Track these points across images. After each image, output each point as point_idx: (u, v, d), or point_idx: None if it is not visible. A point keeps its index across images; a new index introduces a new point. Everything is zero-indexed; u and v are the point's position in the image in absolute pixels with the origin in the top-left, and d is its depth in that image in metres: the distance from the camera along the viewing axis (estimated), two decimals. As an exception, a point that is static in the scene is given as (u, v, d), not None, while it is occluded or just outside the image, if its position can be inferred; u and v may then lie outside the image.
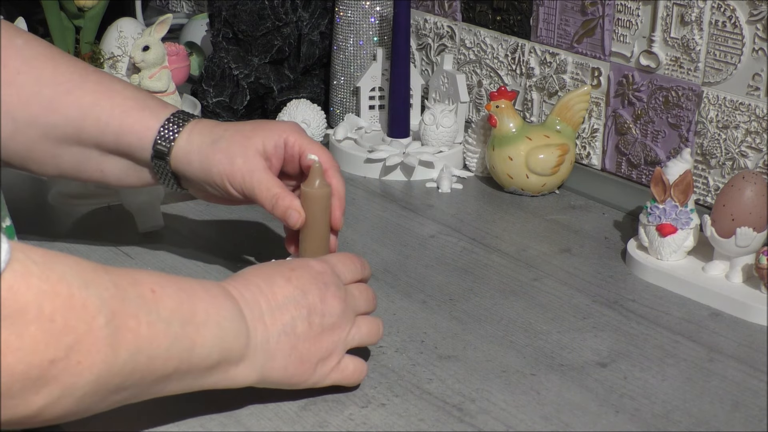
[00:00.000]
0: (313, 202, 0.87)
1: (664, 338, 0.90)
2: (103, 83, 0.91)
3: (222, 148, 0.89)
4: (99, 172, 0.93)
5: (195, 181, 0.91)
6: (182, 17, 1.76)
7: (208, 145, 0.90)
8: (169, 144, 0.90)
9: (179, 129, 0.90)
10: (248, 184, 0.88)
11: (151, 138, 0.90)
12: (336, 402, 0.80)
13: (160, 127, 0.90)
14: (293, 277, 0.76)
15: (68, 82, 0.89)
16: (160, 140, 0.90)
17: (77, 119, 0.89)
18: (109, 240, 1.06)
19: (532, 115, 1.28)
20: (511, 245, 1.08)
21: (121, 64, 1.34)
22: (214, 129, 0.91)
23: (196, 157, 0.90)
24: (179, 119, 0.91)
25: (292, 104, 1.34)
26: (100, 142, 0.90)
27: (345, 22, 1.34)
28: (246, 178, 0.88)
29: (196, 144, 0.90)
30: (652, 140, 1.15)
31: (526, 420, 0.78)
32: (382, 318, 0.84)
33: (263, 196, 0.88)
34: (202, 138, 0.90)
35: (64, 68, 0.90)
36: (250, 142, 0.89)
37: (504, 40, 1.29)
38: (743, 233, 0.94)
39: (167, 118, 0.90)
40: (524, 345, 0.89)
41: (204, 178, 0.90)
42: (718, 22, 1.05)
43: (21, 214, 1.11)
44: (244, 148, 0.89)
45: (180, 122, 0.91)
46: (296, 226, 0.88)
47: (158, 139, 0.90)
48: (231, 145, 0.89)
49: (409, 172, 1.25)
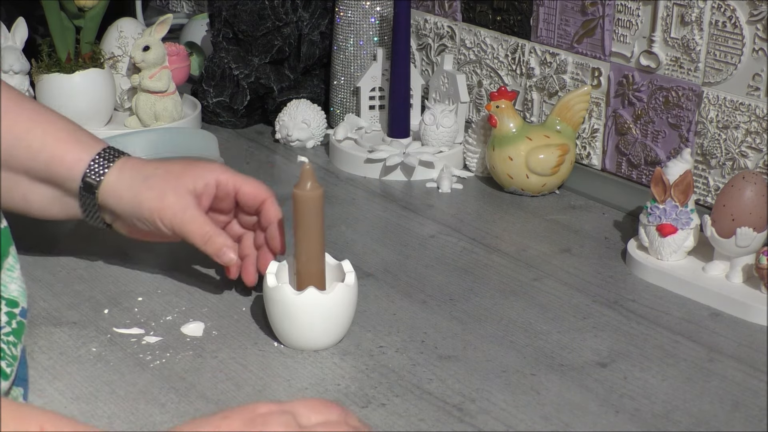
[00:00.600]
0: (305, 204, 0.86)
1: (664, 338, 0.90)
2: (38, 112, 0.93)
3: (153, 185, 0.90)
4: (23, 200, 0.94)
5: (122, 215, 0.93)
6: (182, 17, 1.76)
7: (139, 182, 0.91)
8: (99, 178, 0.91)
9: (110, 164, 0.92)
10: (179, 221, 0.90)
11: (81, 170, 0.91)
12: (336, 402, 0.80)
13: (91, 161, 0.91)
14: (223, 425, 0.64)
15: (3, 108, 0.90)
16: (89, 173, 0.91)
17: (9, 146, 0.90)
18: (109, 240, 1.06)
19: (532, 115, 1.28)
20: (511, 245, 1.08)
21: (121, 64, 1.34)
22: (145, 167, 0.92)
23: (125, 193, 0.91)
24: (110, 155, 0.92)
25: (292, 104, 1.34)
26: (30, 168, 0.91)
27: (345, 22, 1.34)
28: (177, 215, 0.90)
29: (127, 180, 0.91)
30: (652, 140, 1.15)
31: (526, 420, 0.78)
32: (382, 318, 0.84)
33: (195, 234, 0.90)
34: (133, 174, 0.92)
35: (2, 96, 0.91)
36: (180, 181, 0.91)
37: (504, 40, 1.29)
38: (743, 233, 0.94)
39: (98, 153, 0.92)
40: (524, 345, 0.89)
41: (133, 213, 0.91)
42: (718, 22, 1.05)
43: (21, 214, 1.11)
44: (176, 186, 0.91)
45: (110, 157, 0.92)
46: (230, 264, 0.91)
47: (88, 171, 0.91)
48: (163, 183, 0.91)
49: (409, 172, 1.25)
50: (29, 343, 0.86)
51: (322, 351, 0.87)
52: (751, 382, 0.84)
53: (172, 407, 0.79)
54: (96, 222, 0.95)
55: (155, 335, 0.89)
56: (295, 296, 0.85)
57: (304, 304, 0.85)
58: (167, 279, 0.99)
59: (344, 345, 0.88)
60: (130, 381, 0.82)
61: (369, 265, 1.03)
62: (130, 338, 0.88)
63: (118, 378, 0.82)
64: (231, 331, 0.90)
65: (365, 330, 0.91)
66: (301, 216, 0.86)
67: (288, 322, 0.86)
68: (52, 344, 0.87)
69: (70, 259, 1.02)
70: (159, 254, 1.03)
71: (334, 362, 0.86)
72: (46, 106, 0.96)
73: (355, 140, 1.31)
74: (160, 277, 0.99)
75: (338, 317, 0.87)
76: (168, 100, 1.31)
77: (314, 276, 0.87)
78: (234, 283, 0.98)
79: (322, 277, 0.88)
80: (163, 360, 0.85)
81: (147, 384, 0.82)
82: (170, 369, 0.84)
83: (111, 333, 0.89)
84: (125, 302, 0.94)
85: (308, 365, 0.85)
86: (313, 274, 0.87)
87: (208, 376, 0.83)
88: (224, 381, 0.83)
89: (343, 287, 0.86)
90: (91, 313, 0.92)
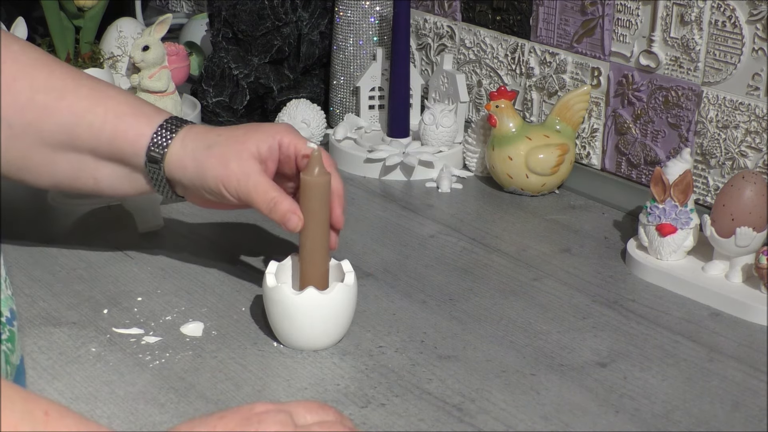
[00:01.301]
0: (312, 190, 0.86)
1: (664, 338, 0.90)
2: (97, 89, 0.91)
3: (216, 153, 0.89)
4: (93, 179, 0.93)
5: (190, 186, 0.91)
6: (182, 17, 1.76)
7: (202, 151, 0.90)
8: (163, 150, 0.90)
9: (172, 135, 0.90)
10: (244, 188, 0.88)
11: (144, 144, 0.90)
12: (336, 402, 0.80)
13: (153, 134, 0.90)
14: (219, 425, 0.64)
15: (62, 88, 0.90)
16: (153, 147, 0.90)
17: (71, 125, 0.90)
18: (108, 240, 1.06)
19: (532, 115, 1.28)
20: (511, 245, 1.08)
21: (120, 64, 1.34)
22: (208, 134, 0.91)
23: (190, 163, 0.90)
24: (172, 125, 0.91)
25: (292, 104, 1.34)
26: (94, 147, 0.90)
27: (345, 22, 1.34)
28: (242, 182, 0.88)
29: (190, 149, 0.90)
30: (651, 140, 1.15)
31: (526, 420, 0.78)
32: (382, 318, 0.84)
33: (260, 200, 0.88)
34: (196, 144, 0.90)
35: (59, 74, 0.90)
36: (244, 146, 0.89)
37: (504, 40, 1.29)
38: (743, 233, 0.94)
39: (160, 125, 0.90)
40: (524, 345, 0.89)
41: (199, 183, 0.90)
42: (717, 21, 1.05)
43: (21, 214, 1.11)
44: (239, 152, 0.89)
45: (173, 128, 0.91)
46: (296, 229, 0.87)
47: (151, 145, 0.90)
48: (225, 150, 0.89)
49: (409, 172, 1.25)
50: (29, 343, 0.86)
51: (321, 351, 0.87)
52: (751, 382, 0.84)
53: (172, 407, 0.79)
54: (168, 195, 0.94)
55: (155, 335, 0.89)
56: (294, 296, 0.85)
57: (304, 304, 0.85)
58: (167, 279, 0.99)
59: (344, 345, 0.88)
60: (130, 381, 0.82)
61: (369, 265, 1.03)
62: (129, 338, 0.88)
63: (118, 378, 0.82)
64: (230, 331, 0.90)
65: (365, 330, 0.90)
66: (308, 202, 0.86)
67: (287, 322, 0.86)
68: (52, 344, 0.87)
69: (70, 259, 1.02)
70: (159, 254, 1.03)
71: (333, 362, 0.86)
72: (102, 80, 0.94)
73: (355, 140, 1.31)
74: (160, 277, 0.99)
75: (338, 317, 0.87)
76: (167, 99, 1.31)
77: (318, 263, 0.86)
78: (234, 284, 0.98)
79: (325, 267, 0.87)
80: (162, 360, 0.85)
81: (146, 384, 0.82)
82: (170, 369, 0.84)
83: (110, 333, 0.89)
84: (125, 302, 0.94)
85: (308, 365, 0.85)
86: (317, 262, 0.87)
87: (208, 376, 0.83)
88: (224, 381, 0.83)
89: (343, 287, 0.86)
90: (90, 313, 0.92)
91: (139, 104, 0.92)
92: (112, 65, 1.33)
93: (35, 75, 0.89)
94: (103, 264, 1.01)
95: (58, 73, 0.90)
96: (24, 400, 0.58)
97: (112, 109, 0.90)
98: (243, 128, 0.92)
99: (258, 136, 0.90)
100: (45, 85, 0.89)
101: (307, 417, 0.66)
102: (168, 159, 0.90)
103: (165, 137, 0.90)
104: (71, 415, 0.59)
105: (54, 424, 0.58)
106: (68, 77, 0.91)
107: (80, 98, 0.90)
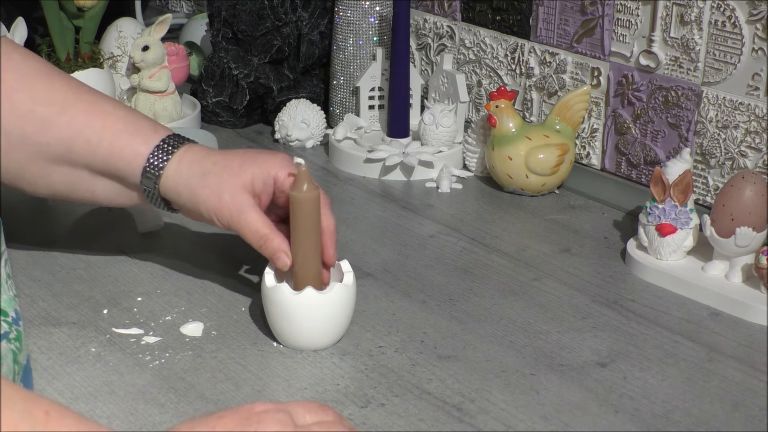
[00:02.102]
0: (301, 206, 0.86)
1: (664, 338, 0.90)
2: (96, 103, 0.91)
3: (210, 183, 0.89)
4: (90, 193, 0.93)
5: (184, 208, 0.92)
6: (182, 17, 1.76)
7: (196, 179, 0.89)
8: (158, 172, 0.90)
9: (168, 157, 0.90)
10: (236, 222, 0.88)
11: (140, 164, 0.90)
12: (335, 402, 0.80)
13: (149, 155, 0.90)
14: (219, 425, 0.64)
15: (63, 101, 0.89)
16: (148, 167, 0.90)
17: (68, 140, 0.90)
18: (109, 240, 1.06)
19: (532, 114, 1.28)
20: (511, 245, 1.08)
21: (120, 64, 1.34)
22: (203, 161, 0.90)
23: (184, 190, 0.90)
24: (169, 146, 0.90)
25: (292, 104, 1.34)
26: (90, 163, 0.91)
27: (345, 22, 1.34)
28: (234, 217, 0.88)
29: (185, 176, 0.90)
30: (651, 140, 1.15)
31: (526, 420, 0.78)
32: (382, 318, 0.84)
33: (251, 237, 0.88)
34: (191, 170, 0.90)
35: (59, 86, 0.90)
36: (239, 179, 0.89)
37: (504, 40, 1.29)
38: (743, 233, 0.94)
39: (157, 145, 0.90)
40: (524, 345, 0.89)
41: (192, 209, 0.91)
42: (717, 21, 1.05)
43: (21, 214, 1.11)
44: (233, 185, 0.88)
45: (169, 149, 0.90)
46: (284, 269, 0.88)
47: (147, 166, 0.90)
48: (219, 181, 0.89)
49: (409, 172, 1.25)
50: (29, 343, 0.86)
51: (321, 351, 0.87)
52: (751, 382, 0.84)
53: (171, 407, 0.79)
54: (164, 209, 0.94)
55: (154, 335, 0.89)
56: (293, 296, 0.85)
57: (303, 305, 0.85)
58: (166, 279, 0.99)
59: (343, 345, 0.88)
60: (130, 381, 0.82)
61: (368, 265, 1.03)
62: (129, 338, 0.88)
63: (118, 378, 0.82)
64: (230, 331, 0.90)
65: (364, 330, 0.90)
66: (297, 218, 0.86)
67: (287, 322, 0.86)
68: (52, 344, 0.87)
69: (70, 259, 1.02)
70: (158, 254, 1.03)
71: (333, 362, 0.86)
72: (102, 93, 0.94)
73: (355, 140, 1.31)
74: (160, 277, 0.99)
75: (337, 317, 0.87)
76: (167, 99, 1.31)
77: (311, 277, 0.87)
78: (233, 284, 0.98)
79: (319, 278, 0.87)
80: (162, 360, 0.85)
81: (146, 384, 0.82)
82: (169, 369, 0.84)
83: (110, 333, 0.89)
84: (124, 302, 0.94)
85: (307, 365, 0.85)
86: (309, 275, 0.87)
87: (208, 376, 0.83)
88: (223, 381, 0.83)
89: (342, 287, 0.86)
90: (90, 313, 0.92)
91: (137, 120, 0.92)
92: (112, 65, 1.33)
93: (36, 86, 0.89)
94: (103, 264, 1.01)
95: (59, 85, 0.90)
96: (24, 399, 0.58)
97: (109, 126, 0.90)
98: (239, 158, 0.91)
99: (253, 170, 0.89)
100: (45, 97, 0.89)
101: (307, 417, 0.66)
102: (163, 181, 0.90)
103: (161, 158, 0.90)
104: (71, 415, 0.60)
105: (54, 423, 0.58)
106: (68, 90, 0.91)
107: (79, 113, 0.90)
